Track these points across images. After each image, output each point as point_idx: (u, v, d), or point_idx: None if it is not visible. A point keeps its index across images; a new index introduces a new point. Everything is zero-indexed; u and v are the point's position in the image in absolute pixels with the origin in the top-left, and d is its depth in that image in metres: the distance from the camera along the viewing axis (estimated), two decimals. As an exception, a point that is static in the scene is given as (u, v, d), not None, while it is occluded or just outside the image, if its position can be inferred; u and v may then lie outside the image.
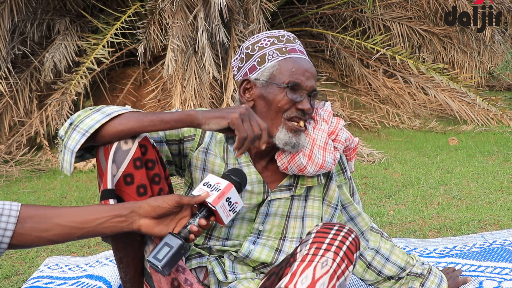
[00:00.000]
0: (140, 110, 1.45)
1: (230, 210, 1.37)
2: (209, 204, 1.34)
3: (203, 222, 1.35)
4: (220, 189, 1.35)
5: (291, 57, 1.58)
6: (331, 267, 1.32)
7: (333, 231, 1.40)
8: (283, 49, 1.59)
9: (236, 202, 1.38)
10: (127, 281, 1.49)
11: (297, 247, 1.47)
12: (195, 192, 1.37)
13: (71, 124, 1.41)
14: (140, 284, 1.50)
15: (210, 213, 1.37)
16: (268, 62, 1.58)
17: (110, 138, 1.39)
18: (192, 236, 1.34)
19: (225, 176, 1.41)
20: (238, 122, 1.37)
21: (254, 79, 1.58)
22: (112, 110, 1.41)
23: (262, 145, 1.42)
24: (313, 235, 1.42)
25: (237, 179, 1.41)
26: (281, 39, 1.61)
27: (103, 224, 1.27)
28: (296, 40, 1.65)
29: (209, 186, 1.36)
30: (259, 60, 1.59)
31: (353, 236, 1.40)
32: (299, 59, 1.59)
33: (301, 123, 1.57)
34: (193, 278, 1.48)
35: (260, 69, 1.58)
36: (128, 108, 1.45)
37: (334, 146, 1.64)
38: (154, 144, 1.51)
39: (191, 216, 1.37)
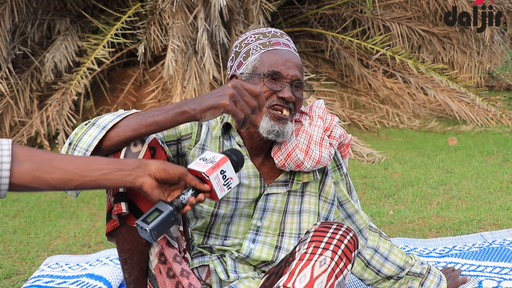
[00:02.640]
0: (136, 111, 1.43)
1: (224, 185, 1.35)
2: (203, 174, 1.32)
3: (201, 197, 1.33)
4: (215, 161, 1.34)
5: (273, 49, 1.60)
6: (329, 265, 1.33)
7: (331, 230, 1.41)
8: (267, 43, 1.61)
9: (231, 178, 1.36)
10: (131, 282, 1.50)
11: (295, 246, 1.48)
12: (192, 165, 1.36)
13: (70, 144, 1.39)
14: (144, 285, 1.51)
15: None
16: (251, 56, 1.61)
17: (111, 149, 1.39)
18: (187, 207, 1.32)
19: (223, 152, 1.41)
20: (231, 107, 1.33)
21: (240, 73, 1.61)
22: (106, 121, 1.39)
23: (262, 108, 1.39)
24: (311, 234, 1.43)
25: (235, 157, 1.39)
26: (267, 34, 1.64)
27: (106, 176, 1.23)
28: (284, 36, 1.66)
29: (205, 160, 1.36)
30: (245, 55, 1.62)
31: (351, 234, 1.40)
32: (281, 50, 1.60)
33: (285, 112, 1.57)
34: (197, 283, 1.49)
35: (245, 63, 1.61)
36: (121, 112, 1.44)
37: (329, 142, 1.66)
38: (162, 145, 1.51)
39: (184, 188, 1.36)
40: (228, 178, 1.35)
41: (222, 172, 1.34)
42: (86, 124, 1.42)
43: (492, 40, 6.67)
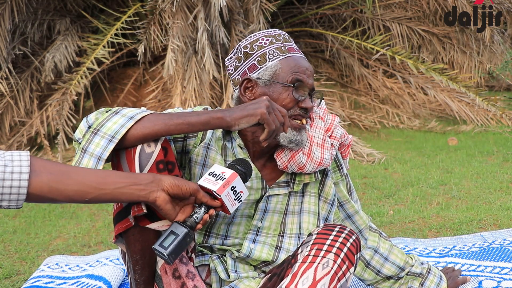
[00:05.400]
0: (158, 112, 1.44)
1: (235, 199, 1.38)
2: (214, 193, 1.35)
3: (212, 212, 1.37)
4: (225, 178, 1.36)
5: (291, 56, 1.61)
6: (332, 268, 1.33)
7: (334, 233, 1.41)
8: (282, 48, 1.61)
9: (242, 191, 1.39)
10: (141, 282, 1.50)
11: (298, 248, 1.47)
12: (201, 181, 1.38)
13: (89, 127, 1.38)
14: (152, 286, 1.51)
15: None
16: (269, 61, 1.59)
17: (135, 142, 1.38)
18: (199, 226, 1.36)
19: (230, 166, 1.43)
20: (267, 116, 1.42)
21: (256, 78, 1.59)
22: (133, 112, 1.39)
23: (286, 129, 1.48)
24: (314, 236, 1.43)
25: (242, 169, 1.43)
26: (278, 38, 1.64)
27: (121, 189, 1.25)
28: (291, 39, 1.68)
29: (214, 175, 1.38)
30: (259, 59, 1.60)
31: (354, 237, 1.40)
32: (299, 58, 1.62)
33: (303, 121, 1.60)
34: (202, 285, 1.49)
35: (261, 68, 1.59)
36: (144, 109, 1.44)
37: (330, 143, 1.66)
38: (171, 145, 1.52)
39: (193, 205, 1.38)
40: (238, 193, 1.39)
41: (232, 188, 1.37)
42: (107, 112, 1.42)
43: (492, 40, 6.66)
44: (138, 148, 1.39)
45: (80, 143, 1.38)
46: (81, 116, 5.45)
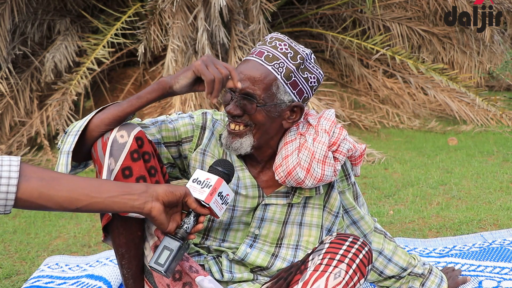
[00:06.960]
0: (122, 101, 1.51)
1: (222, 203, 1.38)
2: (202, 202, 1.34)
3: (203, 219, 1.36)
4: (211, 185, 1.35)
5: (243, 60, 1.59)
6: (343, 279, 1.34)
7: (347, 243, 1.41)
8: (250, 52, 1.60)
9: (228, 194, 1.39)
10: (130, 277, 1.50)
11: (309, 255, 1.47)
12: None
13: (65, 133, 1.47)
14: (142, 281, 1.51)
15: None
16: None
17: (97, 129, 1.44)
18: (192, 236, 1.35)
19: (212, 169, 1.41)
20: (202, 67, 1.40)
21: None
22: (99, 109, 1.48)
23: (237, 83, 1.43)
24: (326, 245, 1.43)
25: (225, 170, 1.41)
26: (260, 42, 1.61)
27: (113, 198, 1.22)
28: (273, 42, 1.58)
29: (199, 182, 1.36)
30: None
31: (366, 249, 1.41)
32: (246, 61, 1.57)
33: (232, 126, 1.57)
34: (198, 266, 1.50)
35: None
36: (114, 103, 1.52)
37: (335, 157, 1.61)
38: (151, 140, 1.53)
39: (181, 212, 1.37)
40: (225, 196, 1.38)
41: (219, 194, 1.36)
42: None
43: (492, 40, 6.66)
44: (111, 139, 1.43)
45: (59, 149, 1.46)
46: (81, 116, 5.45)
